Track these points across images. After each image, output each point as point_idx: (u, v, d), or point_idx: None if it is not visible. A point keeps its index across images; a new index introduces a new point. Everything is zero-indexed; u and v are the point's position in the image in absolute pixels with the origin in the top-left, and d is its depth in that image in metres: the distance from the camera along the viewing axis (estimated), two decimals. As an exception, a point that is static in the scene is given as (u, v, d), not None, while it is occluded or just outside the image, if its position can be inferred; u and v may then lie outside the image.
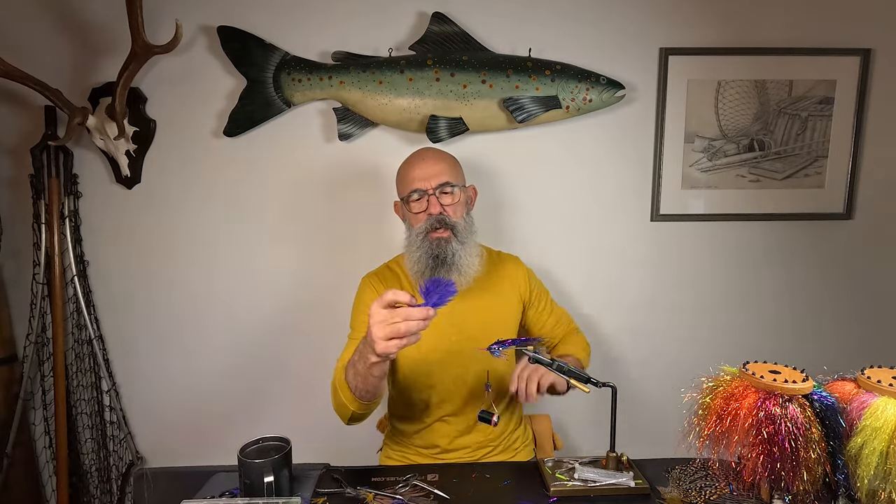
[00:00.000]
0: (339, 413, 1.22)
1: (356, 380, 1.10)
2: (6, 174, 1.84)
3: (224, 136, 1.78)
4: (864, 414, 0.91)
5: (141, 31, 1.53)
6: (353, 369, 1.11)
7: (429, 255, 1.26)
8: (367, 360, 1.04)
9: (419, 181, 1.28)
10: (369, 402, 1.15)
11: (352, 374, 1.11)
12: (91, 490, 1.93)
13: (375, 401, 1.17)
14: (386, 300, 0.96)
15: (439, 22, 1.70)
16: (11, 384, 1.86)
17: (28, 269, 1.82)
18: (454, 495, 1.08)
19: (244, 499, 1.02)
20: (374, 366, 1.04)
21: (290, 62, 1.73)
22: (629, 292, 1.89)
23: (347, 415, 1.19)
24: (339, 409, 1.20)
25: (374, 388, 1.12)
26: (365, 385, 1.10)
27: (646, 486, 1.07)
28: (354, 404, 1.15)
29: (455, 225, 1.28)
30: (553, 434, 1.59)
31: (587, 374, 1.12)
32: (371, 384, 1.09)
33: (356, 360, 1.09)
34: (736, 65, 1.77)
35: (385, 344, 0.96)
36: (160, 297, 1.88)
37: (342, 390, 1.15)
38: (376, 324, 0.97)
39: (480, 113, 1.72)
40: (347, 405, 1.16)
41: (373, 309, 0.98)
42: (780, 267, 1.90)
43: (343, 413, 1.20)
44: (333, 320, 1.86)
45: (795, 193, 1.84)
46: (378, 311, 0.97)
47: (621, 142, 1.82)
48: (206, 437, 1.94)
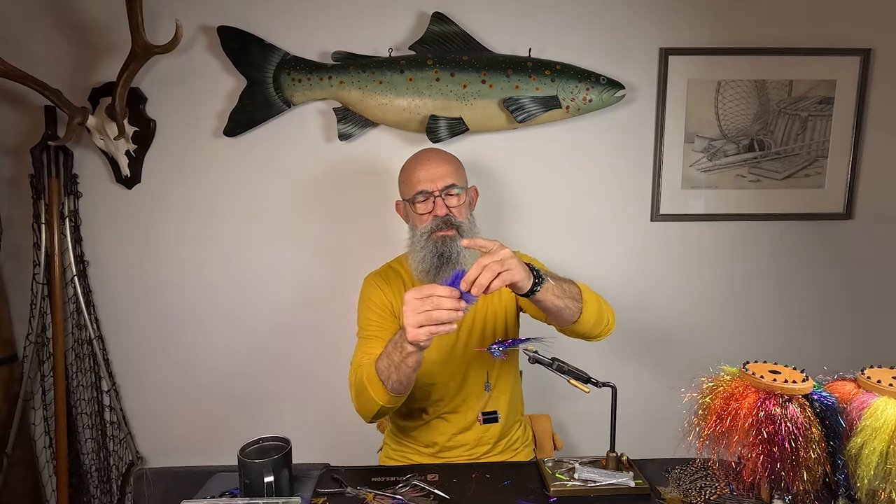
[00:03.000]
0: (362, 410, 1.21)
1: (390, 370, 1.10)
2: (6, 174, 1.84)
3: (224, 136, 1.78)
4: (864, 414, 0.91)
5: (141, 31, 1.53)
6: (387, 360, 1.11)
7: (434, 253, 1.26)
8: (402, 350, 1.05)
9: (425, 182, 1.28)
10: (401, 394, 1.15)
11: (385, 364, 1.11)
12: (91, 490, 1.93)
13: (405, 394, 1.16)
14: (426, 290, 0.98)
15: (439, 22, 1.70)
16: (11, 384, 1.86)
17: (28, 269, 1.82)
18: (454, 495, 1.08)
19: (244, 499, 1.02)
20: (410, 356, 1.05)
21: (290, 62, 1.73)
22: (629, 292, 1.89)
23: (374, 411, 1.18)
24: (365, 406, 1.19)
25: (408, 380, 1.12)
26: (399, 376, 1.10)
27: (646, 486, 1.07)
28: (385, 398, 1.14)
29: (460, 225, 1.28)
30: (553, 434, 1.60)
31: (587, 374, 1.12)
32: (405, 374, 1.10)
33: (391, 350, 1.09)
34: (736, 65, 1.77)
35: (416, 331, 0.98)
36: (160, 297, 1.88)
37: (371, 385, 1.14)
38: (408, 311, 0.98)
39: (480, 113, 1.72)
40: (376, 400, 1.14)
41: (407, 296, 0.99)
42: (780, 267, 1.90)
43: (369, 409, 1.19)
44: (333, 320, 1.87)
45: (795, 193, 1.84)
46: (410, 299, 0.99)
47: (621, 142, 1.82)
48: (206, 437, 1.94)
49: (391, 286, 1.36)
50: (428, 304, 0.97)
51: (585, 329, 1.20)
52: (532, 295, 1.07)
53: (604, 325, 1.24)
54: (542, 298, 1.09)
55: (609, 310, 1.26)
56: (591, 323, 1.19)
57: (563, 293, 1.12)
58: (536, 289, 1.06)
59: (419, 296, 0.98)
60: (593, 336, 1.24)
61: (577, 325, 1.18)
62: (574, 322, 1.17)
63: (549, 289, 1.09)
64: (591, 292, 1.22)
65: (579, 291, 1.18)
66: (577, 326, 1.19)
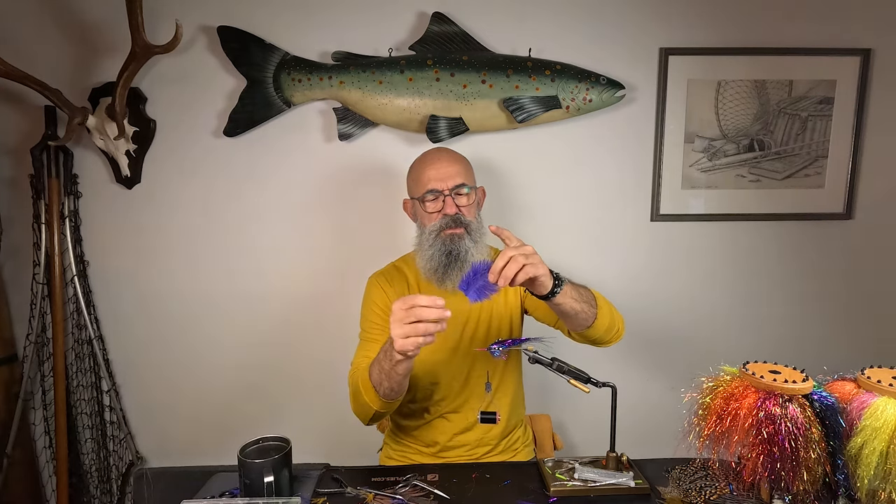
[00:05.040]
0: (359, 413, 1.22)
1: (381, 377, 1.11)
2: (6, 174, 1.84)
3: (224, 136, 1.78)
4: (864, 414, 0.92)
5: (141, 31, 1.53)
6: (378, 367, 1.11)
7: (442, 252, 1.26)
8: (392, 358, 1.05)
9: (435, 182, 1.28)
10: (393, 400, 1.16)
11: (377, 371, 1.12)
12: (91, 490, 1.93)
13: (399, 398, 1.17)
14: (409, 301, 0.99)
15: (439, 22, 1.70)
16: (11, 384, 1.86)
17: (28, 269, 1.82)
18: (454, 495, 1.08)
19: (244, 499, 1.02)
20: (399, 364, 1.06)
21: (290, 62, 1.73)
22: (629, 292, 1.89)
23: (370, 415, 1.19)
24: (361, 409, 1.20)
25: (399, 386, 1.12)
26: (390, 383, 1.11)
27: (646, 486, 1.08)
28: (378, 403, 1.15)
29: (469, 224, 1.28)
30: (553, 434, 1.60)
31: (587, 374, 1.12)
32: (396, 381, 1.10)
33: (381, 358, 1.10)
34: (736, 65, 1.76)
35: (402, 342, 0.99)
36: (160, 297, 1.88)
37: (366, 390, 1.15)
38: (394, 322, 0.99)
39: (480, 113, 1.72)
40: (370, 405, 1.16)
41: (394, 307, 1.00)
42: (780, 267, 1.90)
43: (365, 413, 1.20)
44: (334, 320, 1.87)
45: (795, 193, 1.84)
46: (397, 310, 0.99)
47: (621, 142, 1.82)
48: (206, 437, 1.94)
49: (394, 286, 1.37)
50: (412, 315, 0.98)
51: (598, 334, 1.21)
52: (553, 296, 1.08)
53: (614, 332, 1.25)
54: (561, 301, 1.10)
55: (620, 317, 1.28)
56: (604, 328, 1.21)
57: (579, 297, 1.14)
58: (557, 290, 1.08)
59: (404, 307, 0.99)
60: (604, 342, 1.26)
61: (591, 331, 1.19)
62: (588, 327, 1.18)
63: (567, 291, 1.10)
64: (603, 298, 1.24)
65: (594, 297, 1.19)
66: (591, 332, 1.20)
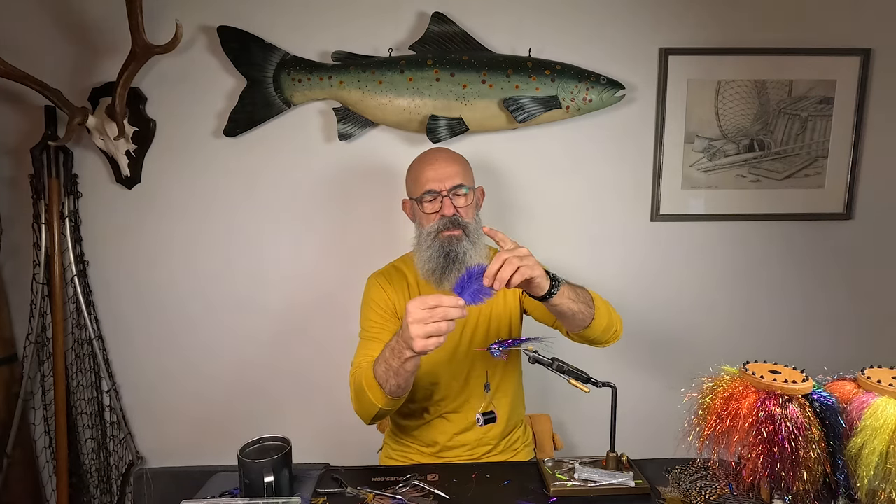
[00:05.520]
0: (362, 412, 1.21)
1: (387, 375, 1.11)
2: (6, 174, 1.84)
3: (224, 136, 1.78)
4: (864, 414, 0.92)
5: (141, 31, 1.53)
6: (384, 365, 1.11)
7: (440, 253, 1.26)
8: (401, 357, 1.05)
9: (433, 182, 1.28)
10: (399, 397, 1.15)
11: (383, 370, 1.11)
12: (91, 490, 1.93)
13: (404, 396, 1.17)
14: (431, 301, 0.98)
15: (439, 22, 1.70)
16: (11, 384, 1.86)
17: (28, 269, 1.82)
18: (454, 495, 1.08)
19: (244, 499, 1.02)
20: (409, 361, 1.06)
21: (290, 62, 1.73)
22: (629, 292, 1.89)
23: (373, 413, 1.18)
24: (364, 408, 1.19)
25: (406, 383, 1.12)
26: (398, 381, 1.10)
27: (646, 486, 1.08)
28: (383, 401, 1.14)
29: (467, 225, 1.28)
30: (553, 434, 1.60)
31: (587, 374, 1.12)
32: (403, 378, 1.10)
33: (388, 356, 1.09)
34: (736, 65, 1.76)
35: (424, 342, 0.98)
36: (160, 297, 1.88)
37: (370, 389, 1.14)
38: (415, 322, 0.98)
39: (480, 113, 1.72)
40: (375, 403, 1.15)
41: (410, 307, 0.99)
42: (780, 267, 1.90)
43: (368, 412, 1.19)
44: (334, 320, 1.87)
45: (795, 193, 1.84)
46: (417, 311, 0.99)
47: (621, 142, 1.82)
48: (206, 437, 1.94)
49: (394, 286, 1.37)
50: (437, 314, 0.98)
51: (596, 334, 1.21)
52: (550, 297, 1.08)
53: (612, 332, 1.25)
54: (558, 302, 1.10)
55: (617, 318, 1.28)
56: (602, 328, 1.21)
57: (577, 297, 1.14)
58: (554, 291, 1.08)
59: (425, 306, 0.98)
60: (602, 342, 1.26)
61: (589, 331, 1.20)
62: (586, 327, 1.18)
63: (564, 292, 1.10)
64: (601, 299, 1.24)
65: (591, 297, 1.20)
66: (589, 332, 1.20)
